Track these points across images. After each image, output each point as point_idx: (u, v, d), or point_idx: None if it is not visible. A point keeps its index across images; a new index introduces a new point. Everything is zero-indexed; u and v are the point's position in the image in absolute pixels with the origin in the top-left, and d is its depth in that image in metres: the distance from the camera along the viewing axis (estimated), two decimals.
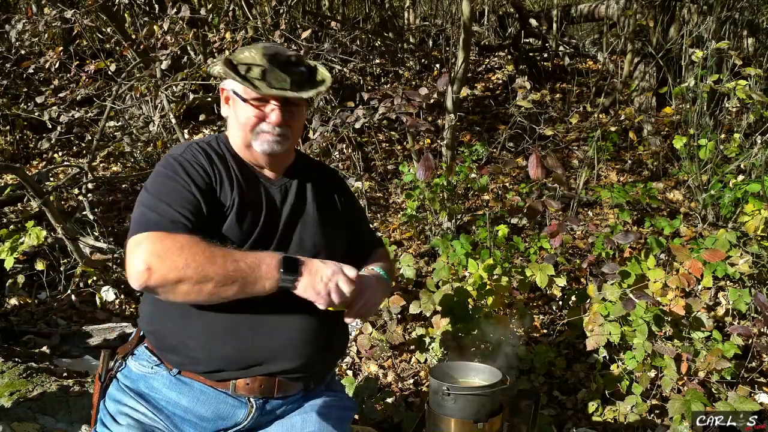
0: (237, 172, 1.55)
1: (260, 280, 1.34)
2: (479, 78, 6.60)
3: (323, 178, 1.72)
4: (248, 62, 1.50)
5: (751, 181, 3.06)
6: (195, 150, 1.54)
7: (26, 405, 2.48)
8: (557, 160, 2.45)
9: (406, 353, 3.16)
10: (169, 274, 1.31)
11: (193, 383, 1.51)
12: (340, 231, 1.69)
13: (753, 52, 5.19)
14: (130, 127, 4.90)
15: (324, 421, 1.55)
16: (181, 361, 1.52)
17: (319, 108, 4.13)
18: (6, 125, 5.70)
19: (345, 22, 5.60)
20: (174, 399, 1.51)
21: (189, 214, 1.41)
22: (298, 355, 1.51)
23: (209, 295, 1.34)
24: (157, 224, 1.37)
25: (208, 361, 1.49)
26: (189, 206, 1.42)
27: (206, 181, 1.48)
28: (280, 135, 1.53)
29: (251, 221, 1.51)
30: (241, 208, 1.50)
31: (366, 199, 4.34)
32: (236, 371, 1.49)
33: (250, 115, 1.52)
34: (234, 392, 1.50)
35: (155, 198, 1.43)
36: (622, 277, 2.51)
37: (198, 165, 1.50)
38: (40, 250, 3.82)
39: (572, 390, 2.80)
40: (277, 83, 1.48)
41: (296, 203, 1.61)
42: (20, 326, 3.58)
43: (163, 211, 1.40)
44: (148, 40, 3.83)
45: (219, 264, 1.32)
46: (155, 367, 1.55)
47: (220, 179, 1.51)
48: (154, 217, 1.39)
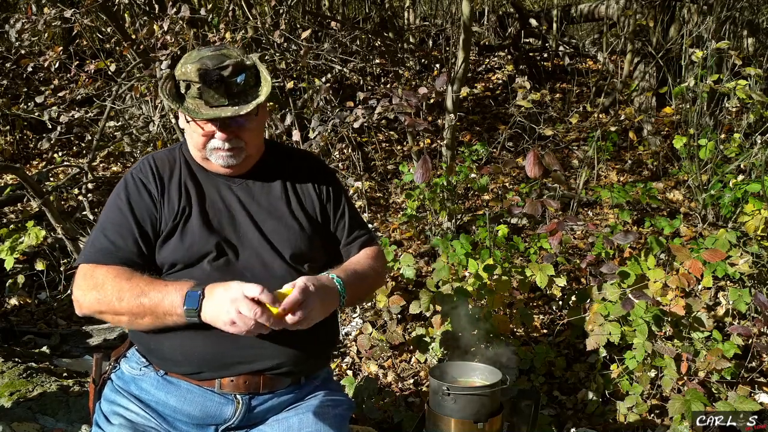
0: (189, 180, 1.58)
1: (167, 315, 1.37)
2: (479, 78, 6.60)
3: (300, 171, 1.68)
4: (187, 79, 1.48)
5: (751, 181, 3.06)
6: (147, 164, 1.59)
7: (26, 405, 2.48)
8: (555, 159, 2.45)
9: (406, 353, 3.16)
10: (91, 307, 1.44)
11: (180, 383, 1.52)
12: (313, 226, 1.63)
13: (753, 52, 5.18)
14: (130, 127, 4.90)
15: (321, 421, 1.54)
16: (163, 363, 1.53)
17: (318, 108, 4.13)
18: (6, 125, 5.70)
19: (345, 22, 5.60)
20: (163, 399, 1.52)
21: (122, 244, 1.49)
22: (280, 352, 1.50)
23: (129, 325, 1.46)
24: (88, 257, 1.49)
25: (187, 363, 1.50)
26: (124, 236, 1.49)
27: (147, 202, 1.54)
28: (231, 149, 1.52)
29: (207, 225, 1.53)
30: (195, 214, 1.53)
31: (366, 199, 4.34)
32: (218, 371, 1.49)
33: (198, 135, 1.52)
34: (219, 389, 1.50)
35: (99, 226, 1.54)
36: (622, 277, 2.51)
37: (143, 184, 1.55)
38: (40, 250, 3.81)
39: (572, 390, 2.80)
40: (214, 101, 1.46)
41: (260, 200, 1.59)
42: (20, 326, 3.58)
43: (98, 242, 1.50)
44: (148, 39, 3.83)
45: (126, 300, 1.38)
46: (144, 368, 1.56)
47: (166, 192, 1.55)
48: (91, 248, 1.50)
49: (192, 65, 1.46)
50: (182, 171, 1.60)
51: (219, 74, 1.45)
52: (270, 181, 1.63)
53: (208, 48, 1.53)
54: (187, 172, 1.60)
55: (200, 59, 1.47)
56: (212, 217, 1.54)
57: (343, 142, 4.21)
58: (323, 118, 3.90)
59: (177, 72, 1.51)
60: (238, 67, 1.47)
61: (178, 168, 1.60)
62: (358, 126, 3.56)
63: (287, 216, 1.59)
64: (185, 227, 1.52)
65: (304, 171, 1.68)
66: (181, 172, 1.59)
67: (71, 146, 5.78)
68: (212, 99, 1.45)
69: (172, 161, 1.61)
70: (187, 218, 1.53)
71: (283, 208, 1.60)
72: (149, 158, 1.62)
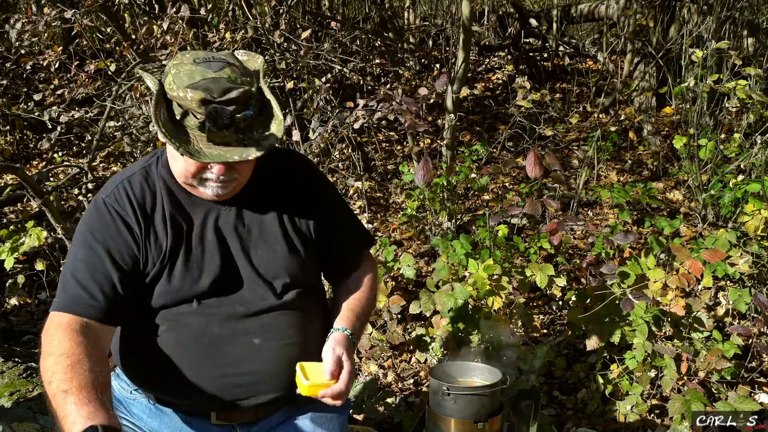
0: (173, 211, 1.41)
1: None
2: (479, 78, 6.59)
3: (291, 181, 1.53)
4: (185, 105, 1.26)
5: (751, 181, 3.05)
6: (123, 192, 1.40)
7: (26, 405, 2.48)
8: (555, 159, 2.45)
9: (406, 353, 3.16)
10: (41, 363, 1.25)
11: (173, 414, 1.46)
12: (307, 246, 1.50)
13: (753, 52, 5.18)
14: (130, 127, 4.90)
15: (318, 424, 1.52)
16: (155, 394, 1.46)
17: (318, 108, 4.13)
18: (6, 125, 5.70)
19: (345, 22, 5.60)
20: (156, 428, 1.46)
21: (95, 289, 1.32)
22: (276, 387, 1.44)
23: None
24: (58, 304, 1.32)
25: (183, 399, 1.43)
26: (97, 278, 1.33)
27: (126, 240, 1.36)
28: (225, 181, 1.37)
29: (197, 263, 1.40)
30: (182, 252, 1.39)
31: (366, 199, 4.34)
32: (214, 405, 1.42)
33: (191, 165, 1.33)
34: (216, 421, 1.45)
35: (70, 268, 1.36)
36: (622, 277, 2.51)
37: (120, 219, 1.37)
38: (40, 250, 3.81)
39: (572, 390, 2.80)
40: (218, 138, 1.27)
41: (251, 225, 1.45)
42: (20, 326, 3.58)
43: (69, 287, 1.33)
44: (148, 39, 3.83)
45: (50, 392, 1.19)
46: (134, 392, 1.50)
47: (151, 229, 1.38)
48: (62, 293, 1.33)
49: (193, 92, 1.24)
50: (164, 200, 1.41)
51: (229, 115, 1.25)
52: (260, 201, 1.47)
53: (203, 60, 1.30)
54: (170, 201, 1.42)
55: (203, 84, 1.25)
56: (202, 252, 1.41)
57: (343, 143, 4.21)
58: (323, 118, 3.90)
59: (171, 92, 1.27)
60: (245, 98, 1.27)
61: (160, 196, 1.42)
62: (358, 126, 3.56)
63: (280, 240, 1.46)
64: (173, 268, 1.38)
65: (295, 180, 1.53)
66: (164, 201, 1.41)
67: (71, 146, 5.78)
68: (217, 136, 1.27)
69: (151, 187, 1.42)
70: (174, 258, 1.39)
71: (275, 230, 1.46)
72: (124, 184, 1.41)
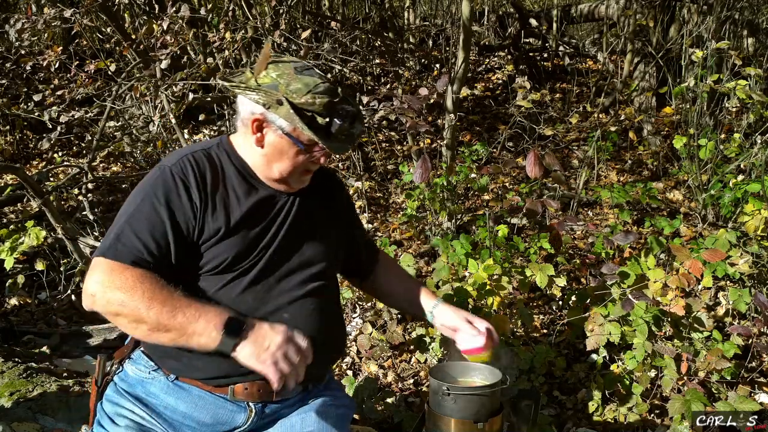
0: (235, 190, 1.50)
1: (196, 336, 1.28)
2: (479, 78, 6.60)
3: (326, 180, 1.72)
4: (310, 109, 1.42)
5: (751, 181, 3.06)
6: (188, 164, 1.47)
7: (26, 405, 2.48)
8: (555, 159, 2.45)
9: (406, 353, 3.16)
10: (109, 306, 1.32)
11: (191, 389, 1.51)
12: (342, 238, 1.71)
13: (753, 52, 5.18)
14: (130, 127, 4.90)
15: (323, 420, 1.55)
16: (179, 367, 1.51)
17: None
18: (6, 125, 5.70)
19: (345, 22, 5.60)
20: (172, 404, 1.50)
21: (154, 248, 1.38)
22: None
23: (144, 336, 1.34)
24: (116, 254, 1.35)
25: (207, 368, 1.48)
26: (157, 239, 1.38)
27: (186, 209, 1.43)
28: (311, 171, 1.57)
29: (252, 237, 1.49)
30: (239, 226, 1.47)
31: (366, 199, 4.34)
32: (235, 377, 1.48)
33: (301, 161, 1.50)
34: (233, 397, 1.50)
35: (128, 220, 1.40)
36: (622, 277, 2.51)
37: (185, 188, 1.43)
38: (40, 250, 3.81)
39: (572, 390, 2.80)
40: (340, 134, 1.46)
41: (306, 213, 1.59)
42: (20, 326, 3.58)
43: (127, 240, 1.37)
44: (148, 39, 3.83)
45: (155, 310, 1.28)
46: (152, 372, 1.54)
47: (210, 203, 1.45)
48: (118, 244, 1.37)
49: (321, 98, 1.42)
50: (228, 180, 1.51)
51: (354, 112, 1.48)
52: (310, 192, 1.62)
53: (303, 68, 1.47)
54: (232, 181, 1.51)
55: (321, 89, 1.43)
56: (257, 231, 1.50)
57: None
58: None
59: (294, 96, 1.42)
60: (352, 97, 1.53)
61: (224, 176, 1.51)
62: None
63: (325, 229, 1.63)
64: (229, 239, 1.46)
65: (326, 179, 1.72)
66: (227, 181, 1.51)
67: (71, 146, 5.78)
68: (339, 133, 1.46)
69: (214, 167, 1.50)
70: (233, 231, 1.47)
71: (322, 220, 1.63)
72: (189, 158, 1.48)
